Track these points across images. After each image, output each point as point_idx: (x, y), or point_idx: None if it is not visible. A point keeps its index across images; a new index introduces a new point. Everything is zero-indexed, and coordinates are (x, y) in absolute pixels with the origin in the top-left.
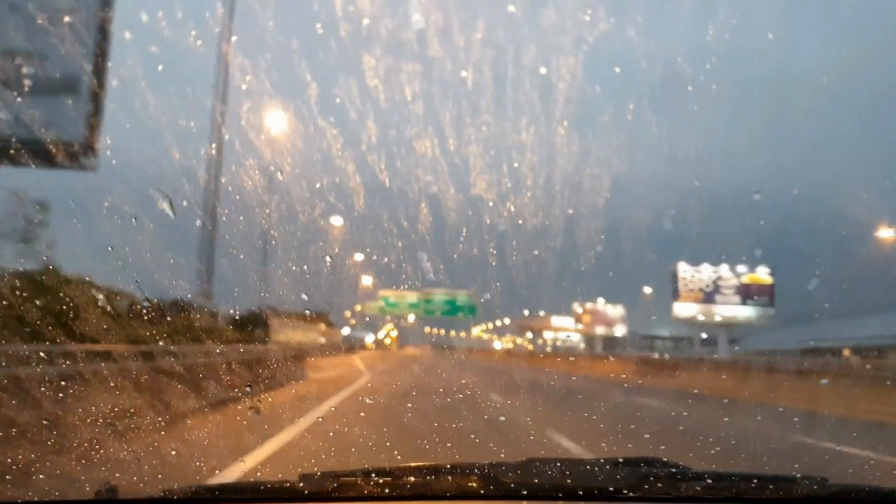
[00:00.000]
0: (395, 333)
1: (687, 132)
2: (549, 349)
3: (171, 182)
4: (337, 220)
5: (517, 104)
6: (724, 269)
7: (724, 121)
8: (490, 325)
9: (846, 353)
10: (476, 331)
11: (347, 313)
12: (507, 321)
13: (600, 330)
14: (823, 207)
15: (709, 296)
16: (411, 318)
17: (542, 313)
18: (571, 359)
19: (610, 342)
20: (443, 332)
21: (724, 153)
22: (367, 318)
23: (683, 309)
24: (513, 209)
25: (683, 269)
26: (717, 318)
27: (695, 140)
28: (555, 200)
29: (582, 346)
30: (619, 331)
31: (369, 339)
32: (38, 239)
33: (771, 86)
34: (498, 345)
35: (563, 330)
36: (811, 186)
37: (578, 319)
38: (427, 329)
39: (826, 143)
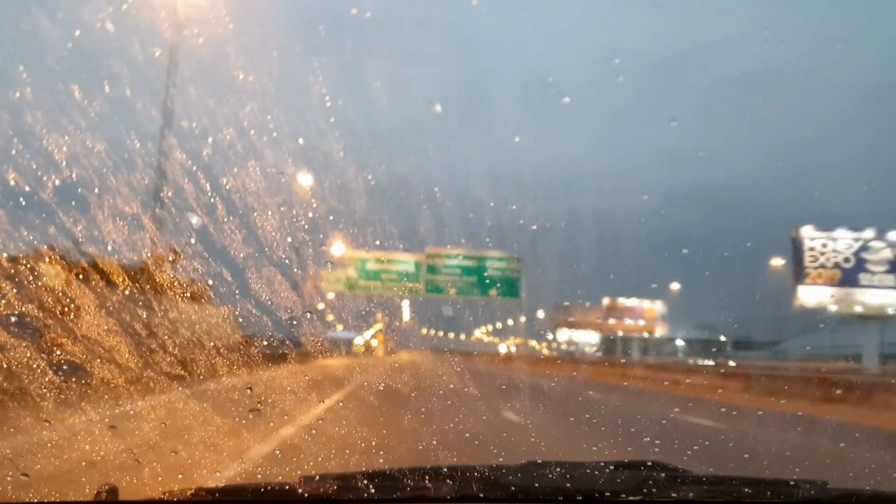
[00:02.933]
0: (380, 331)
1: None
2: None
3: None
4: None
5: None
6: (868, 236)
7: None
8: (492, 326)
9: None
10: (476, 332)
11: (331, 317)
12: (521, 319)
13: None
14: None
15: (849, 274)
16: (406, 313)
17: (588, 305)
18: None
19: (645, 345)
20: (441, 333)
21: None
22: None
23: (812, 294)
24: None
25: (811, 237)
26: (857, 309)
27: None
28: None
29: (588, 350)
30: (660, 331)
31: (359, 340)
32: None
33: None
34: (503, 348)
35: (624, 329)
36: None
37: (609, 316)
38: (424, 330)
39: None
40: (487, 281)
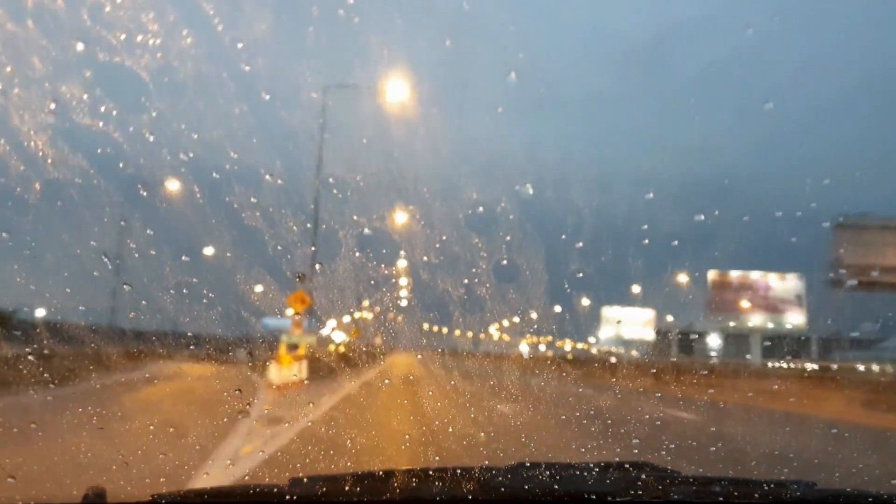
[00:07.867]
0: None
1: None
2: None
3: None
4: None
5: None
6: None
7: None
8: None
9: None
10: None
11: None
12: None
13: (755, 319)
14: None
15: None
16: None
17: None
18: None
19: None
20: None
21: None
22: None
23: None
24: None
25: None
26: None
27: None
28: None
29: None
30: (794, 319)
31: (338, 336)
32: None
33: None
34: (525, 348)
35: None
36: None
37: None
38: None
39: None
40: None
